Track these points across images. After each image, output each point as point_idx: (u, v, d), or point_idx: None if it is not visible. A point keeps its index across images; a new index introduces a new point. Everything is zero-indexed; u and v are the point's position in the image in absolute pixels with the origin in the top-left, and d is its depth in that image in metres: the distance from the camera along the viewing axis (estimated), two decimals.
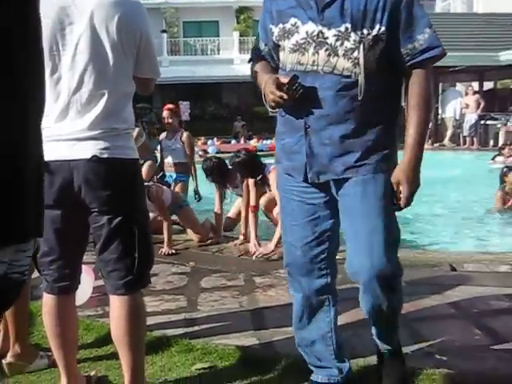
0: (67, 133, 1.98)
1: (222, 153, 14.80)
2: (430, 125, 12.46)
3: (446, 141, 15.78)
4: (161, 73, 2.21)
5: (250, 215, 4.76)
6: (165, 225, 4.73)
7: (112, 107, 2.01)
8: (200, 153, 13.58)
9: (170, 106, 6.56)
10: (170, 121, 6.34)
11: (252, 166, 4.86)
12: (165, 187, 5.30)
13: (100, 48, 1.97)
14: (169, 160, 6.41)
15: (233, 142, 17.32)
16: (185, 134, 6.33)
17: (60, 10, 1.95)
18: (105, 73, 1.99)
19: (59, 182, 1.99)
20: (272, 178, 4.60)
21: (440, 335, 2.85)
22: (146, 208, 2.24)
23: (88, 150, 1.97)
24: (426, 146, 8.06)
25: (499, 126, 15.40)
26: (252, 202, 4.77)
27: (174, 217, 5.30)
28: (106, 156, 1.98)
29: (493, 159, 11.24)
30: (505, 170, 7.13)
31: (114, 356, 2.36)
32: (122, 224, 2.05)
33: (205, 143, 15.47)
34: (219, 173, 5.16)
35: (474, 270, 3.96)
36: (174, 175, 6.33)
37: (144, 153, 6.36)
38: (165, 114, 6.35)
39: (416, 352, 2.67)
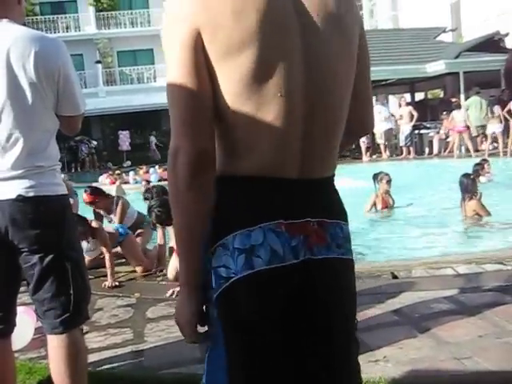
0: None
1: (165, 180, 14.70)
2: (364, 138, 12.44)
3: (383, 152, 16.20)
4: (83, 109, 2.14)
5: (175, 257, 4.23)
6: (107, 257, 4.64)
7: (34, 145, 1.97)
8: (143, 183, 13.44)
9: (88, 198, 5.73)
10: (99, 210, 5.86)
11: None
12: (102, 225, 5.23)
13: (17, 86, 1.93)
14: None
15: None
16: (119, 206, 5.79)
17: None
18: (24, 111, 1.95)
19: None
20: None
21: (384, 343, 2.91)
22: (79, 243, 2.20)
23: (13, 189, 1.93)
24: (365, 159, 8.34)
25: (432, 134, 16.00)
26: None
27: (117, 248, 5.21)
28: (31, 194, 1.94)
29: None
30: (380, 173, 7.48)
31: None
32: (53, 262, 2.01)
33: (147, 172, 15.31)
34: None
35: (414, 276, 4.07)
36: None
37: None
38: (96, 208, 5.81)
39: (362, 361, 2.70)
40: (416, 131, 16.04)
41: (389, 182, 7.50)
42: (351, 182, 9.87)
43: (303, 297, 1.22)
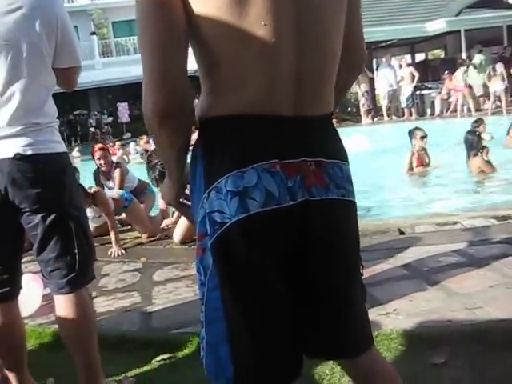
0: None
1: None
2: (364, 101, 11.95)
3: (385, 114, 16.09)
4: (81, 61, 2.09)
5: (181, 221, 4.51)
6: (109, 224, 4.61)
7: (31, 101, 1.91)
8: (142, 152, 13.36)
9: (101, 145, 5.92)
10: (104, 161, 5.77)
11: None
12: (106, 191, 5.20)
13: (12, 40, 1.85)
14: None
15: None
16: (117, 171, 5.79)
17: None
18: (19, 65, 1.88)
19: None
20: None
21: (394, 296, 2.89)
22: (81, 201, 2.16)
23: (10, 148, 1.87)
24: (366, 121, 8.17)
25: (434, 94, 15.82)
26: None
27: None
28: (30, 153, 1.89)
29: None
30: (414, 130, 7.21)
31: (70, 360, 2.28)
32: (56, 221, 1.97)
33: (147, 142, 15.22)
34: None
35: (421, 232, 4.04)
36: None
37: None
38: (98, 154, 5.75)
39: (372, 314, 2.69)
40: (417, 92, 15.86)
41: (422, 137, 7.08)
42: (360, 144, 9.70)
43: (303, 239, 1.17)
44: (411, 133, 7.25)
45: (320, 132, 1.20)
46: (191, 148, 1.23)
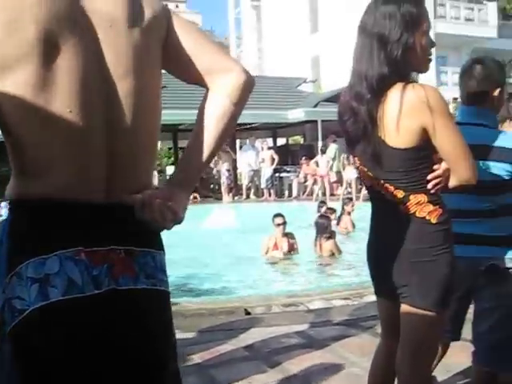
0: None
1: None
2: (225, 179, 12.11)
3: (244, 193, 16.65)
4: None
5: None
6: None
7: None
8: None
9: None
10: None
11: None
12: None
13: None
14: None
15: None
16: None
17: None
18: None
19: None
20: None
21: (234, 378, 2.89)
22: None
23: None
24: (226, 200, 8.18)
25: (292, 177, 16.72)
26: None
27: None
28: None
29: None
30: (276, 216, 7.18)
31: None
32: None
33: None
34: None
35: (266, 312, 4.12)
36: None
37: None
38: None
39: None
40: (277, 174, 16.66)
41: (278, 225, 7.00)
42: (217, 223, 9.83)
43: (107, 330, 1.13)
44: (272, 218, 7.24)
45: (133, 220, 1.17)
46: None
